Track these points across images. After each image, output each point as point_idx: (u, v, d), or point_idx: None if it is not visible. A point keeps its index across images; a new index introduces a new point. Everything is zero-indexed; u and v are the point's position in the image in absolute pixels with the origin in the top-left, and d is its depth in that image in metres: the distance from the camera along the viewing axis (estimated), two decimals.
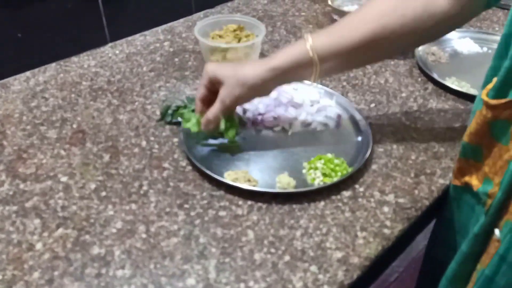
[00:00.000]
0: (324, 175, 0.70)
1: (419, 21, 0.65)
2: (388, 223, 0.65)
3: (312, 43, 0.67)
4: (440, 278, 0.67)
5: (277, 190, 0.68)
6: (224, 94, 0.69)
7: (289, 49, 0.68)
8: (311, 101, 0.85)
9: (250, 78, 0.67)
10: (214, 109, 0.70)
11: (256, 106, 0.83)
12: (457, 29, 1.11)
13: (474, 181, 0.63)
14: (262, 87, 0.69)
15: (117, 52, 1.03)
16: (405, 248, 0.73)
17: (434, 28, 0.67)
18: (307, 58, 0.67)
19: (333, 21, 1.15)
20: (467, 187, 0.65)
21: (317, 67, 0.67)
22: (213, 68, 0.70)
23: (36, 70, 0.96)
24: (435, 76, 0.94)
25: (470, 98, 0.89)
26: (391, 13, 0.65)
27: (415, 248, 1.35)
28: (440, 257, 0.75)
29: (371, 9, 0.67)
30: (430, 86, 0.94)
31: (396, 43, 0.68)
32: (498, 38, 1.06)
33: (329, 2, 1.16)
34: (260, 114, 0.83)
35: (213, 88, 0.71)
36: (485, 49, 1.06)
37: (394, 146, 0.78)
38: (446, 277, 0.65)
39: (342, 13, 1.12)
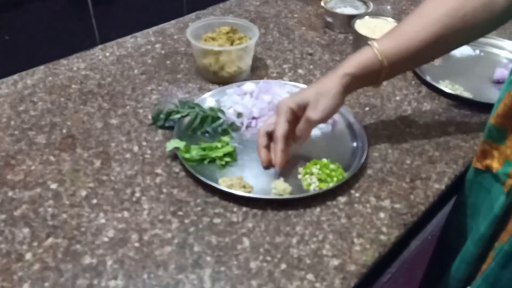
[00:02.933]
0: (320, 180, 0.69)
1: (479, 18, 0.68)
2: (384, 229, 0.65)
3: (379, 47, 0.68)
4: (451, 264, 0.68)
5: (273, 196, 0.67)
6: (313, 112, 0.69)
7: (357, 56, 0.70)
8: None
9: (332, 87, 0.69)
10: (304, 128, 0.70)
11: (250, 109, 0.82)
12: None
13: (495, 163, 0.64)
14: (342, 95, 0.70)
15: (107, 54, 1.01)
16: (401, 253, 0.73)
17: (492, 23, 0.70)
18: (377, 63, 0.69)
19: (326, 23, 1.15)
20: (487, 169, 0.66)
21: (386, 70, 0.69)
22: (292, 99, 0.70)
23: (24, 73, 0.94)
24: (429, 79, 0.94)
25: (464, 101, 0.89)
26: (454, 13, 0.67)
27: (407, 249, 1.36)
28: (452, 244, 0.76)
29: (433, 10, 0.69)
30: (424, 89, 0.94)
31: (458, 41, 0.72)
32: (490, 40, 1.07)
33: (322, 4, 1.16)
34: (254, 118, 0.82)
35: (296, 119, 0.71)
36: (477, 51, 1.06)
37: (389, 151, 0.78)
38: (462, 259, 0.68)
39: (335, 15, 1.12)
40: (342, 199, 0.69)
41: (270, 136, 0.72)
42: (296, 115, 0.70)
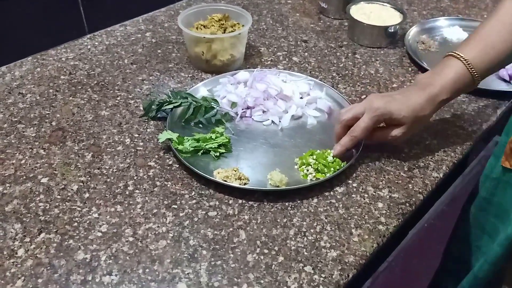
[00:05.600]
0: (317, 170, 0.68)
1: None
2: (382, 219, 0.64)
3: (472, 63, 0.66)
4: (471, 260, 0.68)
5: (269, 188, 0.66)
6: (404, 136, 0.69)
7: (450, 76, 0.67)
8: (300, 93, 0.83)
9: (428, 115, 0.68)
10: (383, 139, 0.70)
11: (244, 99, 0.80)
12: (446, 17, 1.09)
13: None
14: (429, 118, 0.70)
15: (96, 43, 0.99)
16: (400, 243, 0.73)
17: None
18: (470, 82, 0.68)
19: (321, 8, 1.13)
20: None
21: (476, 84, 0.68)
22: (389, 110, 0.67)
23: (12, 64, 0.92)
24: (425, 65, 0.92)
25: None
26: None
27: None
28: (472, 241, 0.75)
29: None
30: None
31: None
32: None
33: None
34: (248, 107, 0.80)
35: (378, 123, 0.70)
36: None
37: None
38: (486, 259, 0.66)
39: (330, 0, 1.10)
40: (339, 189, 0.68)
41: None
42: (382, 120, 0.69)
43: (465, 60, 0.67)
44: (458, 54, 0.68)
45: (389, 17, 1.01)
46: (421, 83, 0.69)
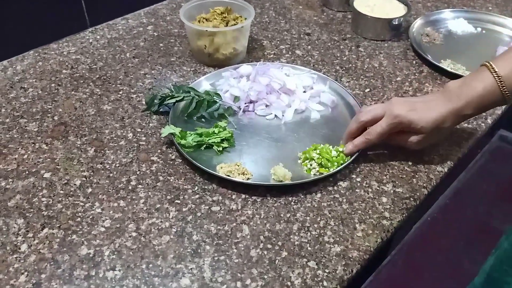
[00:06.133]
0: (320, 165, 0.68)
1: None
2: (387, 214, 0.64)
3: (500, 75, 0.62)
4: None
5: (272, 183, 0.66)
6: (420, 145, 0.68)
7: (479, 93, 0.63)
8: (304, 87, 0.82)
9: (448, 128, 0.66)
10: (399, 144, 0.69)
11: (247, 93, 0.79)
12: (450, 9, 1.08)
13: None
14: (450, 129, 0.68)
15: (98, 37, 0.98)
16: (404, 237, 0.72)
17: None
18: (498, 97, 0.63)
19: (324, 1, 1.11)
20: None
21: (510, 101, 0.64)
22: (407, 116, 0.65)
23: (13, 58, 0.91)
24: (430, 58, 0.91)
25: None
26: None
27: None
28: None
29: None
30: (425, 69, 0.91)
31: None
32: (491, 18, 1.05)
33: None
34: (251, 101, 0.80)
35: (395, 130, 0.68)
36: (479, 29, 1.03)
37: None
38: None
39: None
40: (343, 184, 0.68)
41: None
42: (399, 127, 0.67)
43: (497, 75, 0.62)
44: (492, 67, 0.63)
45: (393, 9, 1.00)
46: (448, 92, 0.66)
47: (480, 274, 0.69)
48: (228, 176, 0.66)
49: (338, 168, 0.67)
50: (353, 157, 0.69)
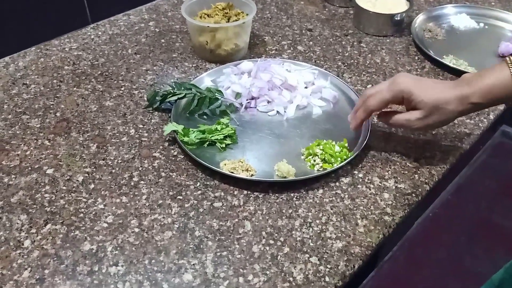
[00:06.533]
0: (324, 161, 0.68)
1: None
2: (388, 210, 0.64)
3: None
4: None
5: (276, 179, 0.66)
6: (419, 121, 0.65)
7: (492, 82, 0.62)
8: (305, 83, 0.82)
9: (451, 111, 0.63)
10: (398, 123, 0.67)
11: (249, 89, 0.79)
12: (453, 4, 1.08)
13: None
14: (454, 119, 0.66)
15: (100, 33, 0.98)
16: (406, 233, 0.72)
17: None
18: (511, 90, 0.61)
19: None
20: None
21: None
22: (409, 89, 0.64)
23: (15, 55, 0.91)
24: (432, 54, 0.91)
25: None
26: None
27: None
28: None
29: None
30: (428, 64, 0.91)
31: None
32: (494, 13, 1.04)
33: None
34: (253, 98, 0.80)
35: (397, 100, 0.66)
36: (481, 24, 1.03)
37: (393, 129, 0.76)
38: None
39: None
40: (345, 180, 0.68)
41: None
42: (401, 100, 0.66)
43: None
44: (510, 61, 0.61)
45: (395, 4, 1.00)
46: (461, 80, 0.65)
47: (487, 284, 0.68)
48: (232, 172, 0.66)
49: (342, 164, 0.67)
50: (356, 153, 0.69)
